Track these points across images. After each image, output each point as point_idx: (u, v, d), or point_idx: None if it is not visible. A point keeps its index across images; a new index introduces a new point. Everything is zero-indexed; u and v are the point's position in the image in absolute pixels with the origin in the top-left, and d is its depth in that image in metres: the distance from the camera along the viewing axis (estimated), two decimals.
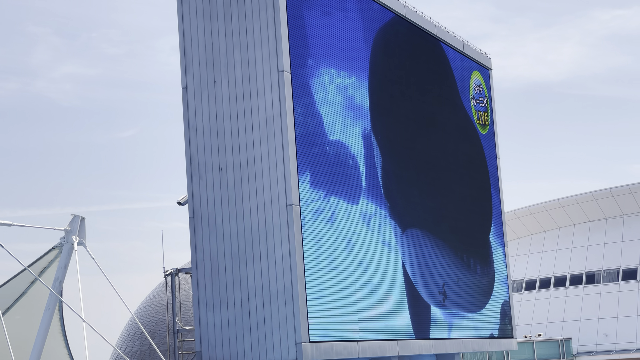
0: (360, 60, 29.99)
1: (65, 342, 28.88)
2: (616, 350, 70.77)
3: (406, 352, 30.20)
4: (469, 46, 38.34)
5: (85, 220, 27.21)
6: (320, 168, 27.04)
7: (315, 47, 27.72)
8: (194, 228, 27.21)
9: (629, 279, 73.61)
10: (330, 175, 27.42)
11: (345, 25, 29.53)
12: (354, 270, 28.14)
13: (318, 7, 28.13)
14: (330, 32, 28.66)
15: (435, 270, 33.14)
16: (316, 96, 27.46)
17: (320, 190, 26.85)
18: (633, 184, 74.84)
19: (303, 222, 25.94)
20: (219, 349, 26.39)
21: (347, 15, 29.56)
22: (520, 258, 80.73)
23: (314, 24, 27.84)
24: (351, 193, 28.30)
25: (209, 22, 27.52)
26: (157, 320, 52.24)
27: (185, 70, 27.77)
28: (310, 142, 26.90)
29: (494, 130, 39.85)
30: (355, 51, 29.88)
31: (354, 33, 29.91)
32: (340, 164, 28.03)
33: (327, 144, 27.66)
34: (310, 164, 26.63)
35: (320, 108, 27.61)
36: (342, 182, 27.91)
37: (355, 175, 28.69)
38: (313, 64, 27.52)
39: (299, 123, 26.30)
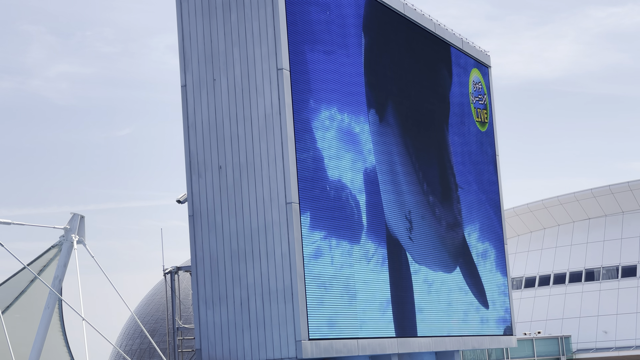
0: (361, 96, 29.94)
1: (65, 341, 28.87)
2: (616, 347, 70.79)
3: (406, 350, 30.20)
4: (468, 44, 38.33)
5: (84, 218, 27.20)
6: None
7: (317, 87, 27.61)
8: (193, 226, 27.22)
9: (628, 276, 73.62)
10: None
11: (347, 62, 29.44)
12: (353, 268, 28.14)
13: (320, 47, 28.09)
14: (332, 72, 28.57)
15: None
16: (316, 134, 27.29)
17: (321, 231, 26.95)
18: (632, 181, 74.85)
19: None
20: (218, 347, 26.39)
21: (349, 53, 29.58)
22: (519, 255, 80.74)
23: (317, 67, 27.84)
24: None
25: (207, 20, 27.51)
26: (157, 319, 52.25)
27: (184, 69, 27.76)
28: (311, 180, 26.78)
29: (493, 128, 39.84)
30: (356, 87, 29.83)
31: (355, 71, 29.80)
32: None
33: (328, 183, 27.58)
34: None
35: (321, 147, 27.45)
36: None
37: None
38: (315, 106, 27.43)
39: (302, 167, 26.36)
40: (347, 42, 29.66)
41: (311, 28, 27.91)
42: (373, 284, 29.10)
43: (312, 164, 27.01)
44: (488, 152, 38.97)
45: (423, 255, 32.47)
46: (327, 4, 28.70)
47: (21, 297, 28.16)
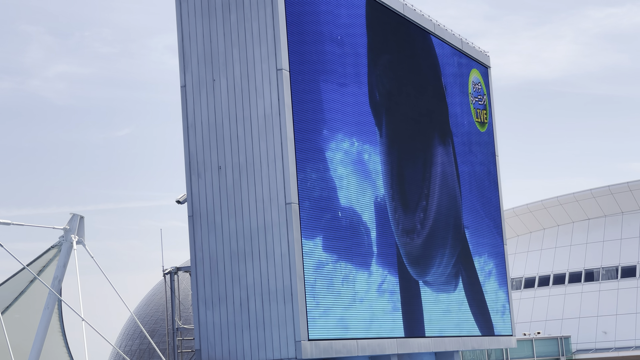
0: (371, 126, 30.38)
1: (64, 341, 28.86)
2: (615, 348, 70.78)
3: (405, 350, 30.20)
4: (468, 44, 38.33)
5: (84, 219, 27.19)
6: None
7: (330, 117, 28.05)
8: (193, 227, 27.21)
9: (627, 277, 73.62)
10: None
11: (358, 95, 29.93)
12: (353, 269, 28.14)
13: (334, 81, 28.50)
14: (345, 103, 29.04)
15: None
16: (330, 164, 27.68)
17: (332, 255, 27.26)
18: (632, 181, 74.85)
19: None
20: (218, 347, 26.39)
21: (361, 87, 30.02)
22: (519, 256, 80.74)
23: (330, 97, 28.27)
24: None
25: (207, 21, 27.51)
26: (157, 319, 52.24)
27: (184, 69, 27.76)
28: (323, 208, 27.16)
29: (493, 128, 39.84)
30: (367, 119, 30.27)
31: (365, 104, 30.30)
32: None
33: (340, 210, 27.95)
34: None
35: (334, 175, 27.82)
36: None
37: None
38: (328, 135, 27.84)
39: (311, 187, 26.63)
40: (359, 73, 30.06)
41: (324, 58, 28.25)
42: (357, 261, 29.12)
43: (326, 192, 27.37)
44: (487, 153, 38.96)
45: (422, 261, 32.49)
46: (344, 79, 29.22)
47: (21, 297, 28.15)
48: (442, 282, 33.84)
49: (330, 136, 28.10)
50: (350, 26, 30.03)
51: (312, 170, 26.89)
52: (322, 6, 28.65)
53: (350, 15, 30.07)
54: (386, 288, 29.75)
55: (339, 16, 29.39)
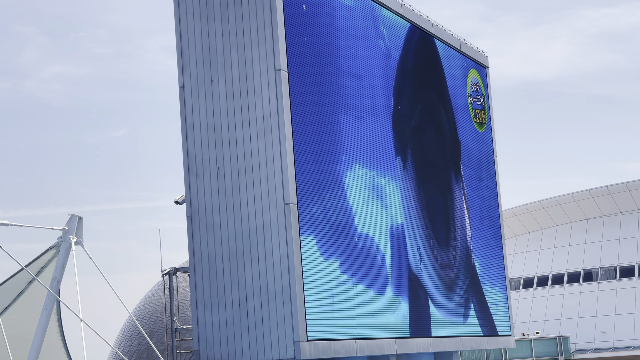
0: (390, 159, 31.06)
1: (63, 342, 28.85)
2: (614, 348, 70.81)
3: (404, 350, 30.20)
4: (466, 44, 38.35)
5: (82, 219, 27.18)
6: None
7: (348, 147, 28.66)
8: (191, 227, 27.20)
9: (626, 277, 73.64)
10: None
11: (376, 127, 30.57)
12: (352, 269, 28.15)
13: (352, 113, 29.12)
14: (363, 134, 29.69)
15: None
16: (348, 191, 28.20)
17: None
18: (630, 181, 74.88)
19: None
20: (217, 348, 26.38)
21: (378, 119, 30.62)
22: (518, 256, 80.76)
23: (349, 127, 28.89)
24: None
25: (205, 22, 27.51)
26: (155, 320, 52.23)
27: (182, 69, 27.76)
28: (340, 233, 27.71)
29: (492, 128, 39.86)
30: (386, 151, 30.92)
31: (384, 134, 30.89)
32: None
33: (357, 236, 28.47)
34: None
35: (352, 202, 28.37)
36: None
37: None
38: (346, 161, 28.41)
39: (327, 215, 27.15)
40: (376, 105, 30.65)
41: (344, 92, 28.87)
42: (372, 284, 29.13)
43: (344, 219, 27.92)
44: (486, 153, 38.98)
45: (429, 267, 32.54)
46: (362, 113, 29.75)
47: (19, 298, 28.14)
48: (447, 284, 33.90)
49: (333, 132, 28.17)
50: (351, 27, 30.06)
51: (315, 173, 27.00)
52: (321, 6, 28.66)
53: (350, 17, 30.10)
54: (399, 310, 30.14)
55: (338, 17, 29.40)
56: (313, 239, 26.35)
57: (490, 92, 40.31)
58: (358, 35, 30.43)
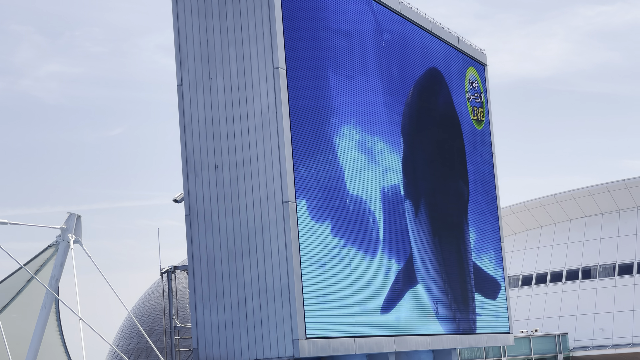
0: (379, 116, 30.89)
1: (62, 340, 28.84)
2: (613, 345, 70.86)
3: (403, 348, 30.21)
4: (464, 42, 38.34)
5: (81, 218, 27.18)
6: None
7: (339, 107, 28.44)
8: (190, 225, 27.20)
9: (625, 274, 73.70)
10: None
11: (367, 88, 30.41)
12: (350, 266, 28.15)
13: (342, 72, 28.91)
14: (354, 94, 29.54)
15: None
16: (338, 151, 28.06)
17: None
18: (629, 179, 74.92)
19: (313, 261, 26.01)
20: (215, 346, 26.39)
21: (369, 79, 30.47)
22: (516, 254, 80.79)
23: (339, 86, 28.69)
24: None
25: (204, 20, 27.50)
26: (154, 318, 52.24)
27: (180, 68, 27.74)
28: (331, 195, 27.57)
29: (490, 126, 39.86)
30: (377, 113, 30.80)
31: (375, 96, 30.75)
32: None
33: (349, 197, 28.34)
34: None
35: (343, 163, 28.21)
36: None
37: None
38: (337, 122, 28.26)
39: (318, 176, 26.95)
40: (367, 67, 30.45)
41: (334, 54, 28.63)
42: (370, 282, 29.13)
43: (335, 181, 27.71)
44: (484, 151, 38.98)
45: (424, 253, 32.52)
46: (352, 72, 29.58)
47: (18, 297, 28.14)
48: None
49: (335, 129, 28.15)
50: (352, 22, 30.05)
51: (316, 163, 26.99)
52: (319, 3, 28.65)
53: (350, 12, 30.09)
54: (388, 276, 29.84)
55: (337, 13, 29.40)
56: (304, 203, 26.31)
57: (489, 90, 40.31)
58: (356, 33, 30.38)
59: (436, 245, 33.70)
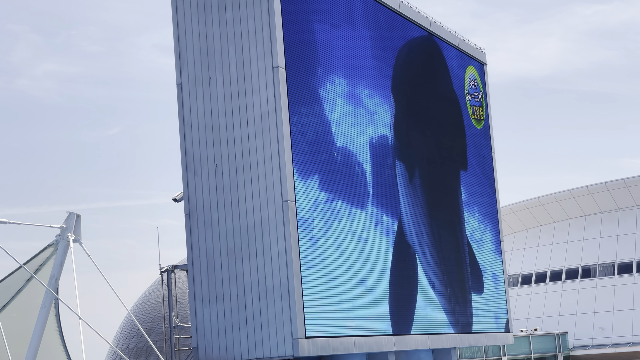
0: (368, 70, 30.65)
1: (61, 340, 28.84)
2: (612, 344, 70.90)
3: (402, 347, 30.22)
4: (464, 41, 38.33)
5: (81, 217, 27.17)
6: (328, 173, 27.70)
7: (325, 57, 28.20)
8: (189, 224, 27.19)
9: (624, 273, 73.75)
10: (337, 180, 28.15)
11: (355, 36, 30.22)
12: (350, 266, 28.14)
13: (328, 21, 28.64)
14: (340, 44, 29.28)
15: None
16: (325, 104, 27.87)
17: (327, 193, 27.41)
18: (628, 177, 74.98)
19: (300, 219, 25.98)
20: (215, 345, 26.39)
21: (356, 29, 30.26)
22: (516, 253, 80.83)
23: (325, 36, 28.41)
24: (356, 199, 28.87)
25: (203, 19, 27.49)
26: (154, 317, 52.27)
27: (179, 67, 27.73)
28: (318, 149, 27.40)
29: (489, 125, 39.86)
30: (365, 62, 30.55)
31: (362, 45, 30.51)
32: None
33: (336, 150, 28.21)
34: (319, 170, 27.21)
35: (329, 116, 28.05)
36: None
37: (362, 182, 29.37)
38: (322, 73, 28.02)
39: (303, 130, 26.72)
40: (353, 16, 30.23)
41: (323, 43, 28.44)
42: (371, 280, 29.13)
43: (321, 131, 27.57)
44: (484, 150, 38.99)
45: (426, 255, 32.51)
46: (338, 21, 29.34)
47: (17, 296, 28.13)
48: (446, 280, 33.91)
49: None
50: (348, 21, 30.05)
51: None
52: (318, 3, 28.64)
53: (347, 10, 30.09)
54: (381, 232, 29.76)
55: (336, 12, 29.39)
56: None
57: (488, 89, 40.32)
58: (354, 32, 30.38)
59: (435, 237, 33.72)
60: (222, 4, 27.21)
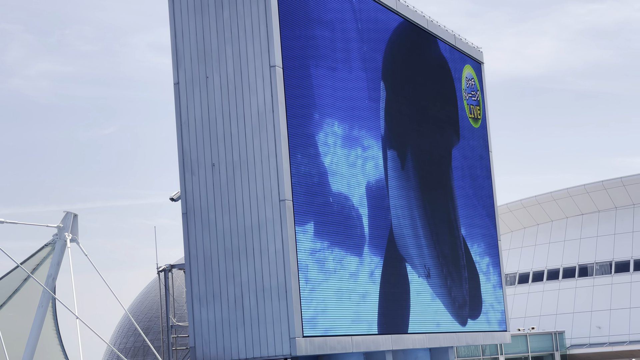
0: (365, 111, 30.34)
1: (58, 339, 28.85)
2: (609, 343, 70.98)
3: (400, 346, 30.23)
4: (461, 40, 38.34)
5: (78, 217, 27.18)
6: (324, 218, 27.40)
7: (321, 101, 27.94)
8: (187, 224, 27.19)
9: (621, 272, 73.82)
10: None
11: (351, 77, 29.83)
12: (347, 265, 28.15)
13: (324, 64, 28.38)
14: (337, 87, 28.93)
15: None
16: (321, 148, 27.62)
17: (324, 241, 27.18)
18: (625, 176, 75.05)
19: None
20: (212, 344, 26.38)
21: (352, 71, 29.93)
22: (513, 251, 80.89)
23: (321, 82, 28.15)
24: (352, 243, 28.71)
25: (200, 18, 27.48)
26: (151, 317, 52.27)
27: (176, 66, 27.72)
28: (314, 192, 27.10)
29: (486, 124, 39.87)
30: (361, 104, 30.19)
31: (359, 87, 30.19)
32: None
33: (331, 195, 27.84)
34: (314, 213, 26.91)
35: (325, 160, 27.76)
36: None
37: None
38: (319, 118, 27.72)
39: (304, 173, 26.54)
40: (350, 57, 29.94)
41: (315, 43, 28.18)
42: (367, 281, 29.13)
43: (317, 178, 27.23)
44: (481, 149, 39.01)
45: (420, 259, 32.53)
46: (335, 63, 29.03)
47: (14, 295, 28.14)
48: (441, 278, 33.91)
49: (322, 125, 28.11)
50: (346, 20, 30.05)
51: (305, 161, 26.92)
52: (314, 2, 28.64)
53: (343, 10, 30.09)
54: (375, 276, 29.81)
55: (332, 10, 29.39)
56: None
57: (485, 88, 40.34)
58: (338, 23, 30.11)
59: (433, 236, 33.74)
60: (219, 3, 27.20)
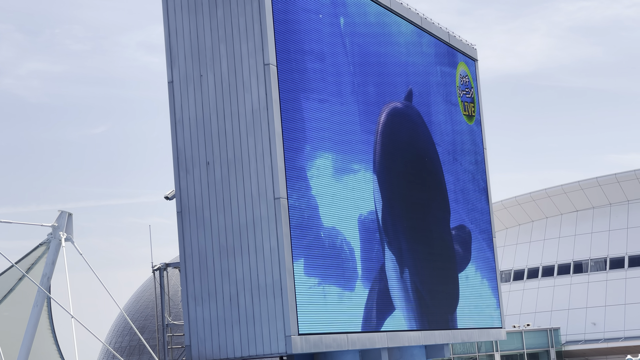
0: (358, 145, 29.89)
1: (54, 339, 28.82)
2: (604, 339, 71.11)
3: (395, 344, 30.26)
4: (455, 37, 38.36)
5: (72, 216, 27.14)
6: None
7: (313, 135, 27.52)
8: (182, 222, 27.18)
9: (616, 268, 73.97)
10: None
11: (342, 110, 29.37)
12: (342, 262, 28.16)
13: (315, 97, 28.02)
14: (327, 119, 28.49)
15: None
16: (311, 182, 27.27)
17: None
18: (619, 173, 75.18)
19: None
20: (208, 343, 26.38)
21: (344, 102, 29.51)
22: (508, 248, 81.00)
23: (313, 116, 27.77)
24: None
25: (194, 16, 27.46)
26: (146, 316, 52.25)
27: (170, 65, 27.70)
28: (306, 227, 26.68)
29: (481, 121, 39.92)
30: (353, 136, 29.71)
31: (350, 119, 29.73)
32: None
33: (322, 230, 27.41)
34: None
35: (316, 194, 27.37)
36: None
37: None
38: (310, 150, 27.32)
39: (293, 207, 26.16)
40: (341, 90, 29.53)
41: (306, 77, 27.85)
42: (363, 279, 29.15)
43: (307, 211, 26.81)
44: (475, 146, 39.04)
45: (415, 256, 32.56)
46: (326, 95, 28.61)
47: (9, 295, 28.11)
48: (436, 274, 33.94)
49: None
50: (338, 18, 30.06)
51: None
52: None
53: (336, 5, 30.09)
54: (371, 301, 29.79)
55: (326, 6, 29.40)
56: None
57: (480, 85, 40.37)
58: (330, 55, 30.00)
59: (424, 231, 33.76)
60: (213, 2, 27.19)
